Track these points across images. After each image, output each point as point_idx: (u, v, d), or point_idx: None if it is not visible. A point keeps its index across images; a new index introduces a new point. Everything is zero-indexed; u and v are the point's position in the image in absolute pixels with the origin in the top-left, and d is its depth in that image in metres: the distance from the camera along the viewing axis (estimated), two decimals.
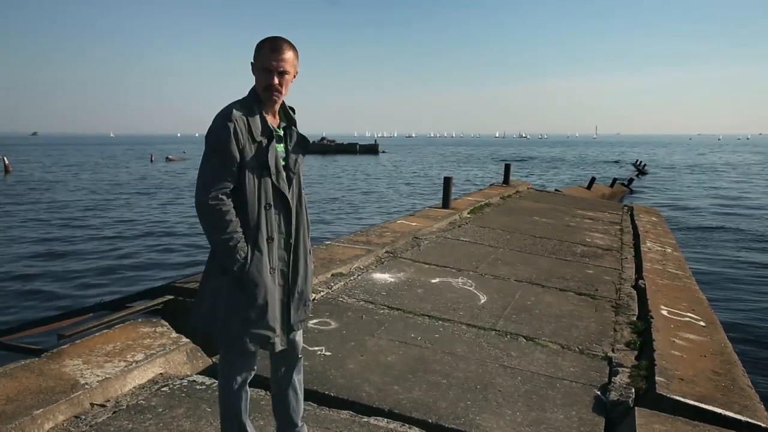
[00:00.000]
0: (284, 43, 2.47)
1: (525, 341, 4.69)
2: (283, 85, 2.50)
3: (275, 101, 2.54)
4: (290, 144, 2.62)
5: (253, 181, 2.46)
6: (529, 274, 6.77)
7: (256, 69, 2.50)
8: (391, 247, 7.45)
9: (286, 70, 2.47)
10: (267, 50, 2.44)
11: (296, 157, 2.61)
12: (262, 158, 2.45)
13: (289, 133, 2.63)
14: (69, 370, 3.51)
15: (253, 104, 2.53)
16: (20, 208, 22.38)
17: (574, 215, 12.24)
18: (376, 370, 3.96)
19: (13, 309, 8.93)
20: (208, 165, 2.45)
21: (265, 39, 2.49)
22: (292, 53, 2.48)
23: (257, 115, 2.50)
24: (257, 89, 2.53)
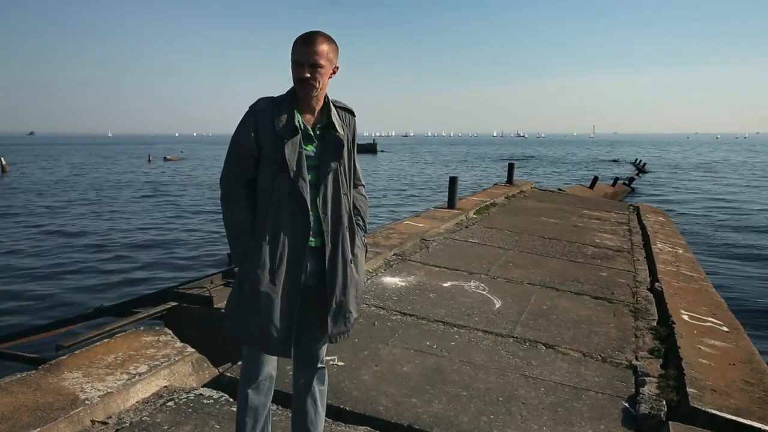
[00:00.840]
0: (318, 35, 2.35)
1: (545, 349, 4.49)
2: (318, 79, 2.36)
3: (311, 96, 2.41)
4: (324, 145, 2.46)
5: (267, 176, 2.40)
6: (542, 276, 6.57)
7: (291, 63, 2.39)
8: (399, 249, 7.25)
9: (318, 63, 2.33)
10: (300, 43, 2.34)
11: (329, 160, 2.45)
12: (280, 155, 2.34)
13: (325, 134, 2.47)
14: (68, 383, 3.30)
15: (286, 100, 2.43)
16: (16, 209, 22.13)
17: (581, 215, 12.05)
18: (392, 381, 3.76)
19: (9, 315, 8.69)
20: (228, 155, 2.48)
21: (300, 35, 2.38)
22: (326, 46, 2.35)
23: (286, 110, 2.39)
24: (294, 84, 2.42)
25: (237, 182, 2.46)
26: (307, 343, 2.61)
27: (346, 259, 2.52)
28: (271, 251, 2.40)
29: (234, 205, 2.46)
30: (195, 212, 21.43)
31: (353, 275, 2.56)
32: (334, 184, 2.48)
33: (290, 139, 2.36)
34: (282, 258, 2.40)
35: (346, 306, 2.54)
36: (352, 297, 2.56)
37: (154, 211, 21.73)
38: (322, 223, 2.44)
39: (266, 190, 2.41)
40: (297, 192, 2.37)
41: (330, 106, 2.48)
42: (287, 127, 2.36)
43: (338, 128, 2.46)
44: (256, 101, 2.45)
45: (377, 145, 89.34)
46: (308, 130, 2.43)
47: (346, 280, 2.52)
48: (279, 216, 2.39)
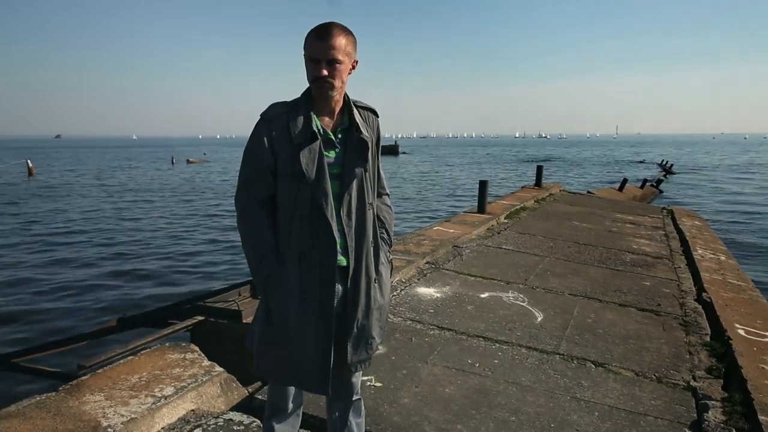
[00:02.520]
0: (333, 27, 2.05)
1: (594, 368, 4.19)
2: (336, 77, 2.07)
3: (328, 96, 2.12)
4: (347, 150, 2.17)
5: (287, 189, 2.12)
6: (583, 286, 6.25)
7: (305, 60, 2.09)
8: (431, 257, 6.98)
9: (336, 59, 2.05)
10: (314, 37, 2.04)
11: (353, 166, 2.16)
12: (298, 164, 2.07)
13: (348, 136, 2.18)
14: (89, 408, 3.08)
15: (301, 102, 2.14)
16: (41, 213, 22.24)
17: (614, 219, 11.68)
18: (434, 404, 3.49)
19: (30, 325, 8.56)
20: (241, 170, 2.21)
21: (313, 27, 2.07)
22: (343, 39, 2.06)
23: (302, 114, 2.10)
24: (309, 84, 2.13)
25: (254, 200, 2.19)
26: (340, 374, 2.35)
27: (370, 278, 2.24)
28: (299, 274, 2.13)
29: (252, 226, 2.18)
30: (215, 215, 21.35)
31: (377, 297, 2.28)
32: (358, 194, 2.19)
33: (309, 145, 2.08)
34: (312, 281, 2.13)
35: (368, 331, 2.27)
36: (375, 321, 2.29)
37: (174, 215, 21.69)
38: (346, 238, 2.17)
39: (287, 205, 2.14)
40: (319, 206, 2.09)
41: (351, 105, 2.20)
42: (304, 133, 2.09)
43: (362, 129, 2.18)
44: (268, 107, 2.17)
45: (399, 147, 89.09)
46: (328, 135, 2.15)
47: (369, 301, 2.25)
48: (303, 234, 2.12)
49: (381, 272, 2.32)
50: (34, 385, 5.54)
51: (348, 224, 2.17)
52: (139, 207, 24.30)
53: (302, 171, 2.07)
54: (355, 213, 2.19)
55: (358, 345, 2.26)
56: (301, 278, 2.14)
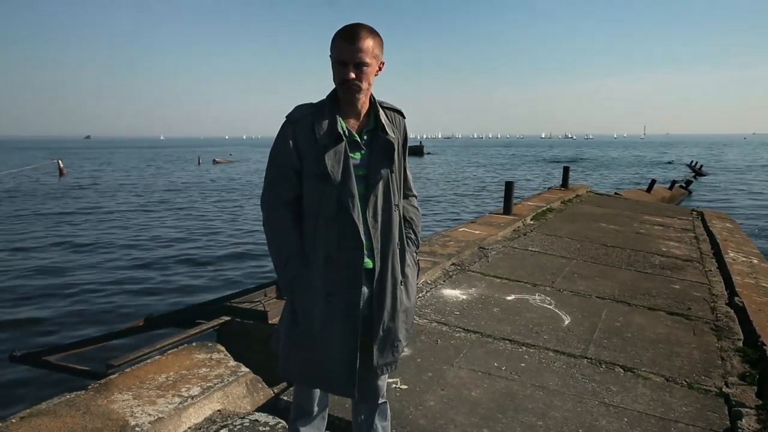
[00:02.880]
0: (361, 29, 2.02)
1: (623, 372, 4.12)
2: (363, 79, 2.05)
3: (355, 98, 2.10)
4: (372, 152, 2.16)
5: (312, 191, 2.11)
6: (611, 289, 6.16)
7: (331, 62, 2.07)
8: (457, 259, 6.94)
9: (364, 61, 2.02)
10: (341, 39, 2.02)
11: (378, 167, 2.15)
12: (323, 166, 2.05)
13: (373, 138, 2.17)
14: (118, 407, 3.10)
15: (327, 104, 2.13)
16: (70, 212, 22.60)
17: (642, 221, 11.50)
18: (460, 408, 3.46)
19: (58, 323, 8.68)
20: (267, 171, 2.21)
21: (340, 28, 2.05)
22: (371, 40, 2.03)
23: (327, 116, 2.09)
24: (335, 86, 2.11)
25: (279, 202, 2.19)
26: (366, 377, 2.33)
27: (396, 280, 2.22)
28: (325, 276, 2.12)
29: (278, 227, 2.18)
30: (241, 215, 21.50)
31: (403, 299, 2.26)
32: (384, 195, 2.17)
33: (334, 147, 2.07)
34: (338, 283, 2.12)
35: (394, 333, 2.25)
36: (401, 323, 2.26)
37: (200, 215, 21.89)
38: (372, 239, 2.15)
39: (313, 207, 2.13)
40: (345, 207, 2.08)
41: (377, 107, 2.18)
42: (330, 135, 2.07)
43: (388, 130, 2.16)
44: (294, 109, 2.16)
45: (423, 147, 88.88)
46: (354, 136, 2.13)
47: (396, 304, 2.23)
48: (329, 235, 2.10)
49: (407, 274, 2.30)
50: (63, 382, 5.61)
51: (374, 226, 2.15)
52: (166, 207, 24.57)
53: (328, 172, 2.06)
54: (381, 215, 2.18)
55: (384, 348, 2.25)
56: (326, 280, 2.13)
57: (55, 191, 31.82)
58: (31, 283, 11.08)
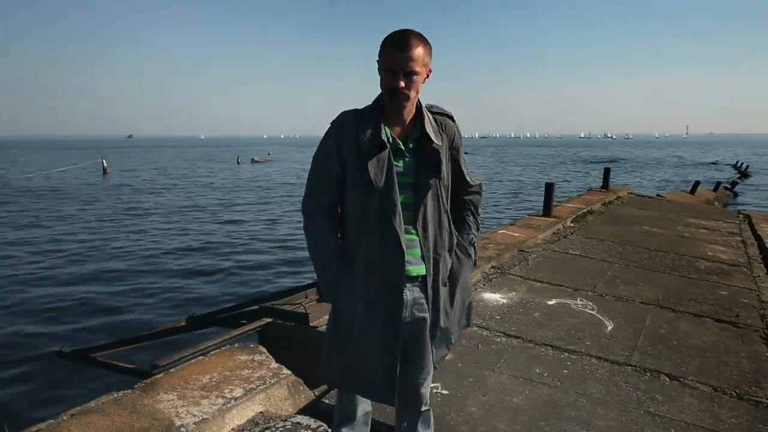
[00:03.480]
0: (412, 37, 2.01)
1: (669, 381, 4.02)
2: (411, 88, 2.04)
3: (402, 106, 2.09)
4: (420, 160, 2.15)
5: (355, 198, 2.11)
6: (655, 294, 6.03)
7: (380, 69, 2.06)
8: (497, 262, 6.88)
9: (414, 70, 2.01)
10: (391, 47, 2.00)
11: (427, 177, 2.14)
12: (366, 174, 2.05)
13: (420, 146, 2.15)
14: (163, 406, 3.16)
15: (371, 110, 2.13)
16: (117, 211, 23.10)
17: (686, 224, 11.24)
18: (502, 415, 3.42)
19: (102, 320, 8.87)
20: (310, 176, 2.24)
21: (389, 34, 2.04)
22: (422, 48, 2.02)
23: (372, 123, 2.08)
24: (383, 93, 2.10)
25: (320, 207, 2.22)
26: (409, 384, 2.33)
27: (446, 284, 2.25)
28: (366, 283, 2.13)
29: (318, 232, 2.22)
30: (281, 215, 21.69)
31: (457, 298, 2.30)
32: (433, 203, 2.17)
33: (377, 155, 2.07)
34: (380, 291, 2.12)
35: (448, 332, 2.32)
36: (455, 322, 2.33)
37: (240, 213, 22.14)
38: (423, 247, 2.15)
39: (355, 214, 2.13)
40: (387, 215, 2.07)
41: (423, 113, 2.16)
42: (373, 142, 2.07)
43: (434, 138, 2.14)
44: (339, 115, 2.17)
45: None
46: (398, 144, 2.12)
47: (447, 305, 2.26)
48: (371, 243, 2.11)
49: (458, 279, 2.31)
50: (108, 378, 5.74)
51: (424, 235, 2.15)
52: (208, 205, 24.92)
53: (370, 180, 2.06)
54: (431, 222, 2.18)
55: (441, 345, 2.32)
56: (367, 287, 2.14)
57: (99, 190, 32.58)
58: (74, 281, 11.35)
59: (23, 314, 9.15)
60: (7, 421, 4.51)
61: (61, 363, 5.64)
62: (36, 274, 11.93)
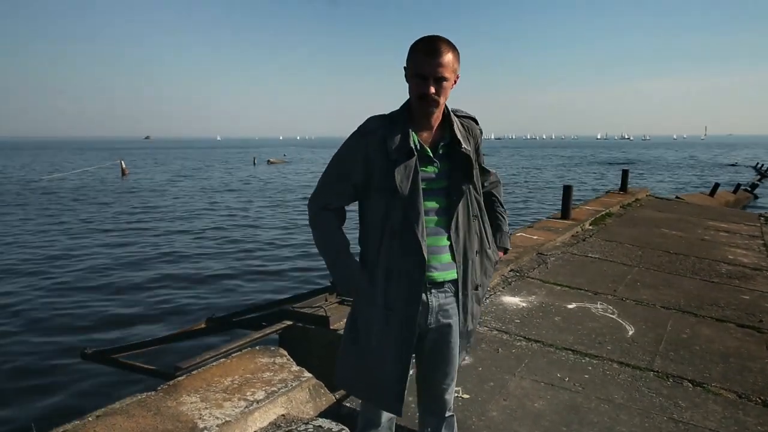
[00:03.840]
0: (442, 43, 2.00)
1: (692, 387, 3.99)
2: (441, 94, 2.04)
3: (431, 113, 2.09)
4: (452, 167, 2.15)
5: (378, 204, 2.11)
6: (676, 299, 5.98)
7: (410, 75, 2.06)
8: (516, 265, 6.86)
9: (444, 76, 2.00)
10: (421, 53, 2.00)
11: (460, 184, 2.14)
12: (392, 180, 2.04)
13: (450, 152, 2.15)
14: (186, 408, 3.18)
15: (399, 116, 2.12)
16: (135, 213, 23.28)
17: (706, 227, 11.13)
18: (523, 420, 3.41)
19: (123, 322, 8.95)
20: (324, 173, 2.22)
21: (418, 40, 2.04)
22: (451, 55, 2.01)
23: (399, 129, 2.07)
24: (411, 99, 2.10)
25: (327, 206, 2.23)
26: (433, 390, 2.33)
27: (475, 287, 2.27)
28: (385, 289, 2.13)
29: (324, 227, 2.23)
30: (297, 216, 21.76)
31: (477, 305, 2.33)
32: (464, 209, 2.17)
33: (404, 162, 2.06)
34: (398, 297, 2.12)
35: (470, 335, 2.36)
36: (476, 324, 2.37)
37: (256, 214, 22.25)
38: (454, 252, 2.15)
39: (377, 220, 2.13)
40: (410, 222, 2.07)
41: (451, 118, 2.16)
42: (401, 149, 2.06)
43: (463, 143, 2.14)
44: (366, 121, 2.16)
45: None
46: (426, 151, 2.12)
47: (475, 309, 2.30)
48: (393, 249, 2.10)
49: (484, 283, 2.34)
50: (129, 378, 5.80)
51: (456, 240, 2.16)
52: (225, 207, 25.07)
53: (396, 187, 2.06)
54: (462, 227, 2.18)
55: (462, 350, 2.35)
56: (387, 293, 2.14)
57: (118, 191, 32.88)
58: (94, 283, 11.46)
59: (47, 315, 9.25)
60: (33, 421, 4.57)
61: (85, 363, 5.71)
62: (57, 275, 12.06)
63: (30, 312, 9.41)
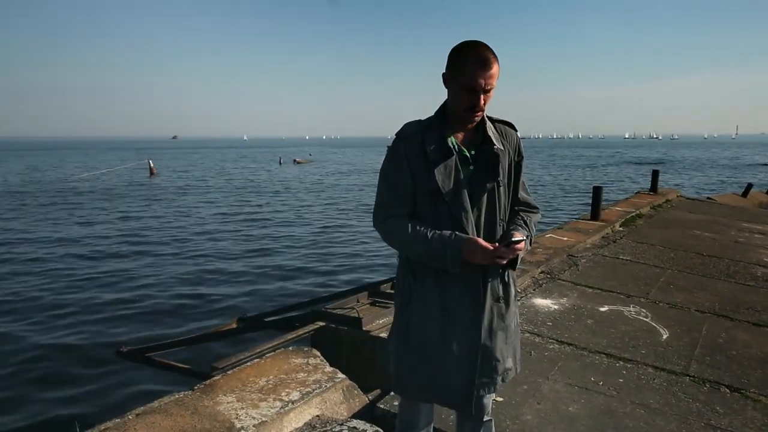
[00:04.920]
0: (489, 52, 1.98)
1: (729, 393, 3.92)
2: (486, 103, 2.04)
3: (474, 121, 2.10)
4: (478, 164, 2.14)
5: (425, 207, 2.11)
6: (710, 302, 5.89)
7: (456, 85, 2.03)
8: (546, 267, 6.81)
9: (493, 86, 2.00)
10: (473, 64, 1.96)
11: (484, 181, 2.12)
12: (434, 183, 2.05)
13: (481, 151, 2.15)
14: (223, 408, 3.22)
15: (436, 120, 2.13)
16: (166, 211, 23.58)
17: (740, 228, 10.92)
18: (558, 424, 3.39)
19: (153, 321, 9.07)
20: (379, 191, 2.20)
21: (466, 48, 2.01)
22: (497, 64, 2.00)
23: (436, 133, 2.08)
24: (453, 106, 2.09)
25: (393, 214, 2.15)
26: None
27: (495, 297, 2.20)
28: (439, 292, 2.13)
29: (395, 227, 2.13)
30: (326, 216, 21.85)
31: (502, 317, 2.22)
32: (488, 209, 2.14)
33: (444, 162, 2.06)
34: (453, 299, 2.12)
35: (490, 352, 2.19)
36: (499, 342, 2.21)
37: (282, 215, 22.38)
38: None
39: (426, 222, 2.11)
40: (458, 222, 2.07)
41: (485, 121, 2.15)
42: (440, 151, 2.07)
43: (495, 142, 2.13)
44: (403, 127, 2.16)
45: None
46: (463, 151, 2.12)
47: (493, 321, 2.19)
48: None
49: (509, 292, 2.27)
50: (164, 378, 5.89)
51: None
52: (254, 206, 25.26)
53: (438, 188, 2.06)
54: (483, 229, 2.16)
55: (483, 367, 2.19)
56: (441, 296, 2.13)
57: (147, 190, 33.33)
58: (125, 282, 11.64)
59: (83, 313, 9.43)
60: (76, 418, 4.67)
61: (121, 362, 5.80)
62: (89, 273, 12.27)
63: (66, 309, 9.60)
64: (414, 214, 2.17)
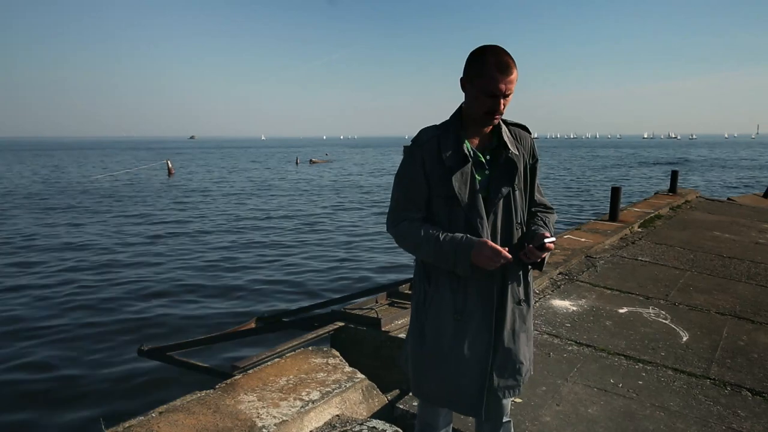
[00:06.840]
0: (509, 58, 1.99)
1: (751, 396, 3.90)
2: (505, 107, 2.05)
3: (492, 125, 2.12)
4: (494, 169, 2.15)
5: (440, 212, 2.12)
6: (731, 304, 5.84)
7: (475, 90, 2.03)
8: (564, 268, 6.80)
9: (512, 91, 2.02)
10: (494, 70, 1.96)
11: (500, 186, 2.13)
12: (450, 188, 2.06)
13: (496, 156, 2.16)
14: (244, 407, 3.26)
15: (452, 125, 2.14)
16: (184, 212, 23.74)
17: (761, 230, 10.81)
18: (577, 425, 3.39)
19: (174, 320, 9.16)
20: (393, 195, 2.22)
21: (485, 53, 2.00)
22: (516, 70, 2.00)
23: (452, 138, 2.10)
24: (471, 110, 2.10)
25: (406, 218, 2.17)
26: (492, 395, 2.33)
27: (516, 299, 2.20)
28: (453, 296, 2.14)
29: (408, 229, 2.15)
30: (343, 216, 21.90)
31: (523, 319, 2.24)
32: (504, 214, 2.15)
33: (460, 169, 2.08)
34: (467, 303, 2.13)
35: (514, 355, 2.21)
36: (522, 345, 2.23)
37: (301, 214, 22.46)
38: None
39: (442, 227, 2.13)
40: (474, 227, 2.08)
41: (500, 125, 2.16)
42: (455, 156, 2.08)
43: (510, 147, 2.14)
44: (419, 133, 2.17)
45: None
46: (479, 156, 2.13)
47: (515, 324, 2.21)
48: None
49: (529, 294, 2.29)
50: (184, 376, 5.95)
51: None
52: (270, 206, 25.39)
53: (455, 194, 2.08)
54: (500, 233, 2.16)
55: (503, 370, 2.21)
56: (455, 300, 2.14)
57: (166, 190, 33.58)
58: (144, 281, 11.76)
59: (104, 311, 9.55)
60: (100, 415, 4.73)
61: (142, 360, 5.88)
62: (109, 272, 12.42)
63: (88, 308, 9.73)
64: (428, 219, 2.19)
